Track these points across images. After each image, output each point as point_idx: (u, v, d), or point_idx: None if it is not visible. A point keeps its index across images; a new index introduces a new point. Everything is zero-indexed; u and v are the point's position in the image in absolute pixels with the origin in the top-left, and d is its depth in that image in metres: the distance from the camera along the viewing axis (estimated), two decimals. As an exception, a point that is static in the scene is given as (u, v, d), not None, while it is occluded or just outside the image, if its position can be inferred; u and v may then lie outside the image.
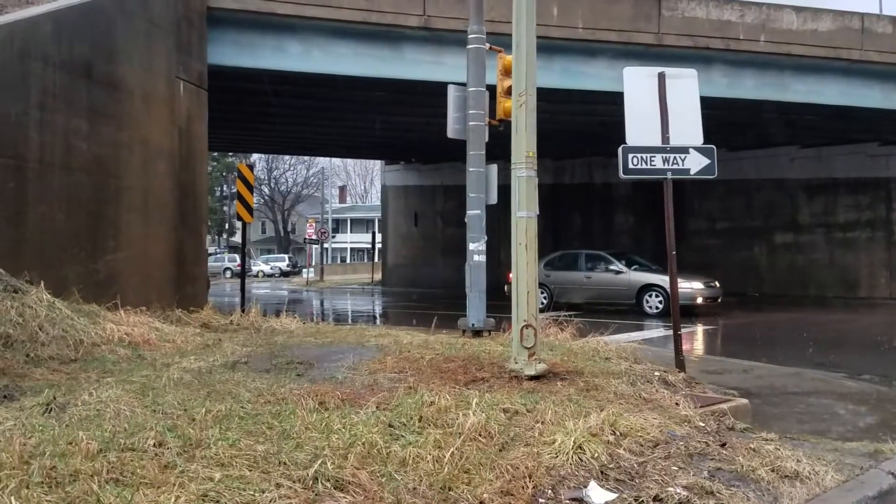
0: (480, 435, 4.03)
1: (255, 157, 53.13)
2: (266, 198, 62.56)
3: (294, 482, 3.24)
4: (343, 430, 3.97)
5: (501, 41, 8.76)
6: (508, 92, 8.12)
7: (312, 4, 12.95)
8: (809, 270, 23.57)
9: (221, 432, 3.88)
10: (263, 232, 72.30)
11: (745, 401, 6.31)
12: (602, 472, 3.75)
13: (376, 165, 56.57)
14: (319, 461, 3.43)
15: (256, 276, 48.46)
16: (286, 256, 59.78)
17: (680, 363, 7.23)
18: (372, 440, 3.78)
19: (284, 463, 3.45)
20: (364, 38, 13.75)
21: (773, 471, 3.94)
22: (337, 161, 67.29)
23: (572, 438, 3.97)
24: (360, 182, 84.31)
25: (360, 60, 13.97)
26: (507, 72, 8.52)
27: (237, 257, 45.65)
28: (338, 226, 71.14)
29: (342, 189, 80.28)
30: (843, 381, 8.25)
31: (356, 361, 6.44)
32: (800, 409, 6.68)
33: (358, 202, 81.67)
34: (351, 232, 73.10)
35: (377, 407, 4.51)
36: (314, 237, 43.41)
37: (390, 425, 4.12)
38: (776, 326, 15.16)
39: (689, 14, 15.02)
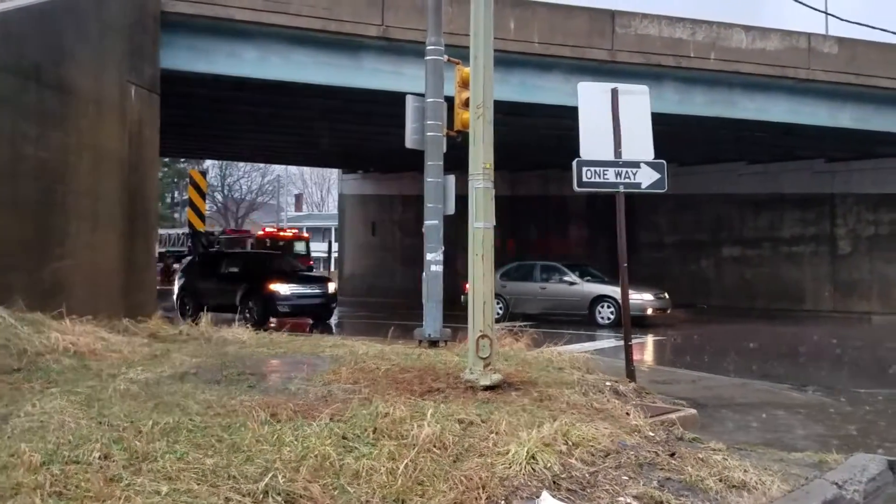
0: (435, 446, 4.03)
1: (208, 163, 52.27)
2: (219, 205, 61.52)
3: (244, 496, 3.20)
4: (295, 442, 3.92)
5: (460, 53, 8.81)
6: (466, 104, 8.18)
7: (270, 11, 12.85)
8: (756, 283, 24.17)
9: (169, 445, 3.80)
10: (216, 240, 71.00)
11: (693, 411, 6.44)
12: (554, 482, 3.79)
13: (333, 174, 56.17)
14: (270, 474, 3.38)
15: (208, 284, 47.48)
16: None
17: (631, 373, 7.34)
18: (325, 452, 3.75)
19: (234, 476, 3.40)
20: (323, 46, 13.69)
21: (721, 481, 4.03)
22: (293, 169, 66.59)
23: (525, 448, 3.99)
24: (317, 190, 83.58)
25: (318, 68, 13.90)
26: (465, 84, 8.58)
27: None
28: (293, 234, 70.28)
29: (298, 197, 79.50)
30: (789, 392, 8.47)
31: (310, 372, 6.38)
32: (747, 419, 6.83)
33: (314, 211, 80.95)
34: (307, 241, 72.41)
35: (331, 419, 4.47)
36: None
37: (344, 437, 4.09)
38: (724, 338, 15.51)
39: (642, 31, 15.32)
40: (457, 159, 8.21)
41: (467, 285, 6.17)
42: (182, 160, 49.90)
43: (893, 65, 16.71)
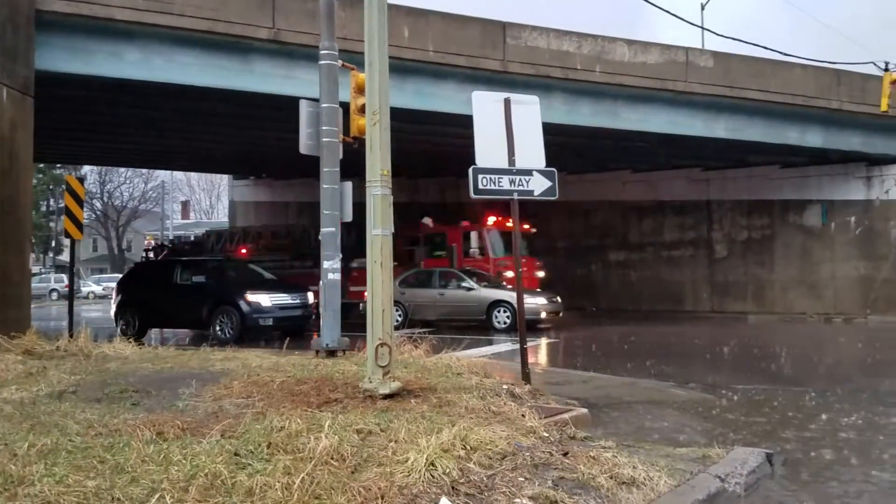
0: (333, 458, 3.96)
1: (86, 169, 49.53)
2: (98, 213, 58.38)
3: (130, 520, 3.03)
4: (184, 461, 3.76)
5: (354, 59, 8.76)
6: (362, 110, 8.13)
7: (153, 11, 12.31)
8: (641, 286, 25.33)
9: (47, 468, 3.58)
10: (95, 250, 67.33)
11: (584, 410, 6.65)
12: (453, 488, 3.80)
13: (223, 180, 54.51)
14: (157, 495, 3.23)
15: (87, 297, 44.99)
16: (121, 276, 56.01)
17: (526, 376, 7.50)
18: (216, 470, 3.61)
19: (118, 499, 3.23)
20: (211, 48, 13.25)
21: (611, 478, 4.17)
22: (179, 175, 64.20)
23: (425, 456, 3.99)
24: (206, 197, 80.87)
25: (206, 71, 13.43)
26: (360, 90, 8.53)
27: (64, 277, 42.18)
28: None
29: (185, 204, 76.58)
30: (673, 389, 8.89)
31: (199, 388, 6.14)
32: (635, 416, 7.11)
33: (203, 218, 78.26)
34: (195, 249, 69.77)
35: (222, 435, 4.32)
36: (152, 256, 41.02)
37: (236, 454, 3.95)
38: (612, 339, 16.12)
39: (532, 43, 15.74)
40: (355, 165, 8.16)
41: (366, 293, 6.13)
42: (58, 166, 47.09)
43: (764, 77, 17.94)
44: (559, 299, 18.62)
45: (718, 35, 15.83)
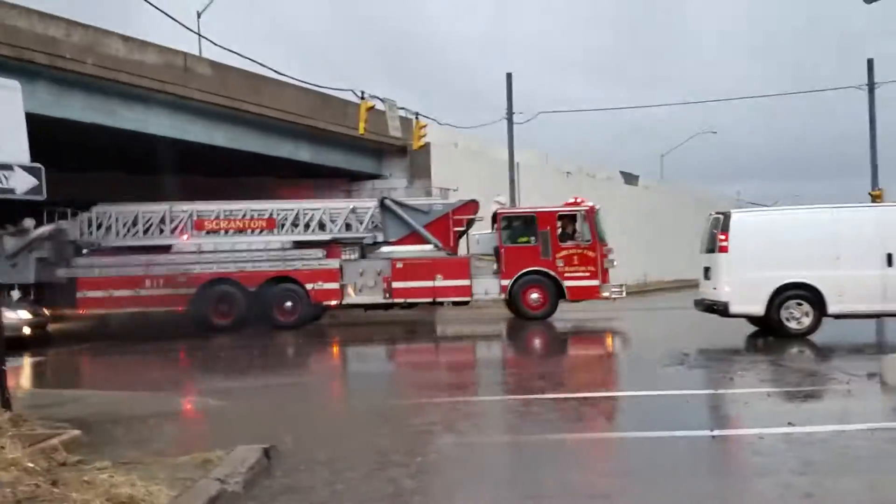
0: None
1: None
2: None
3: None
4: None
5: None
6: None
7: None
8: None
9: None
10: None
11: (77, 432, 6.14)
12: None
13: None
14: None
15: None
16: None
17: (6, 402, 6.56)
18: None
19: None
20: None
21: (108, 500, 3.96)
22: None
23: None
24: None
25: None
26: None
27: None
28: None
29: None
30: (179, 399, 8.77)
31: None
32: (136, 432, 6.80)
33: None
34: None
35: None
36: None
37: None
38: (111, 351, 15.16)
39: (11, 22, 13.92)
40: None
41: None
42: None
43: (260, 93, 19.12)
44: (47, 312, 16.62)
45: (216, 45, 16.10)
